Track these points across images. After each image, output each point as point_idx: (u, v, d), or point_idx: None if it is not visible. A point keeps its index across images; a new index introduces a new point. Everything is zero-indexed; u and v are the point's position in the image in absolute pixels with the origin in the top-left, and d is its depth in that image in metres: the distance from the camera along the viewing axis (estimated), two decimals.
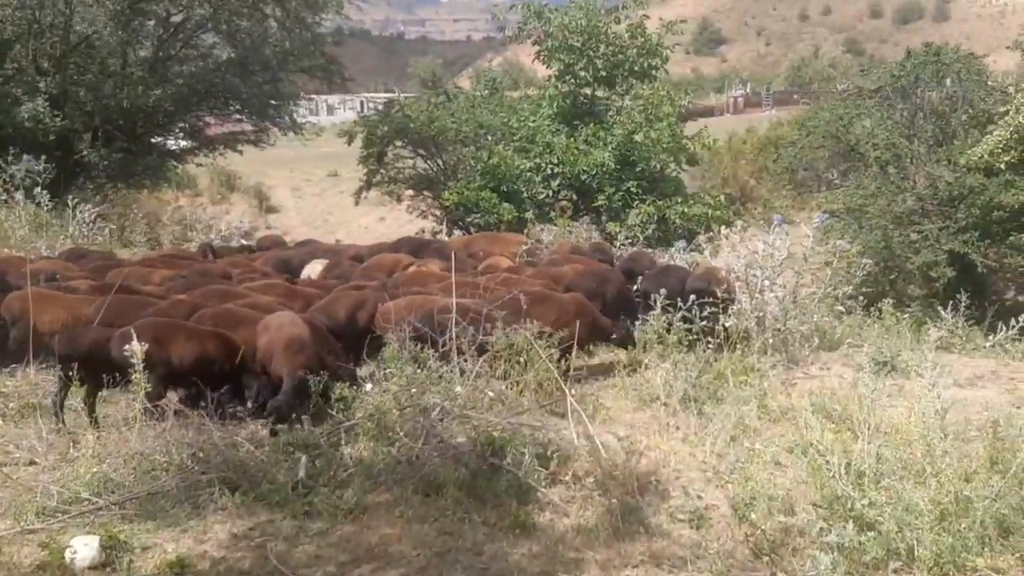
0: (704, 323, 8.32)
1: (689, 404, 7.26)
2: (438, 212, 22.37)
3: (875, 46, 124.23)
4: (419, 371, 6.43)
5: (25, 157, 14.89)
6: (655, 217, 18.17)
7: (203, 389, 6.49)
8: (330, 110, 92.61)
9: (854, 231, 17.57)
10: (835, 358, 9.30)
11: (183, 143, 22.19)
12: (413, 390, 6.16)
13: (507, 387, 6.89)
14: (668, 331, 7.86)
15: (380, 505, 5.27)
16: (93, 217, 14.19)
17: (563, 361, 7.23)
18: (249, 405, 7.02)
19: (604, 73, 19.90)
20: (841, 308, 10.01)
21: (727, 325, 8.57)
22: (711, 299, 8.45)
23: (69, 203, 13.76)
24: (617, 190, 18.76)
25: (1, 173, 14.52)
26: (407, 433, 5.73)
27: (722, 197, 20.00)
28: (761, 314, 8.97)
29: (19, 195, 13.69)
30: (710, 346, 8.19)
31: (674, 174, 20.29)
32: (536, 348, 6.95)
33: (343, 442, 5.91)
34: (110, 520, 5.00)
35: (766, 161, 29.12)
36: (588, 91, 20.29)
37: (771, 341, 9.05)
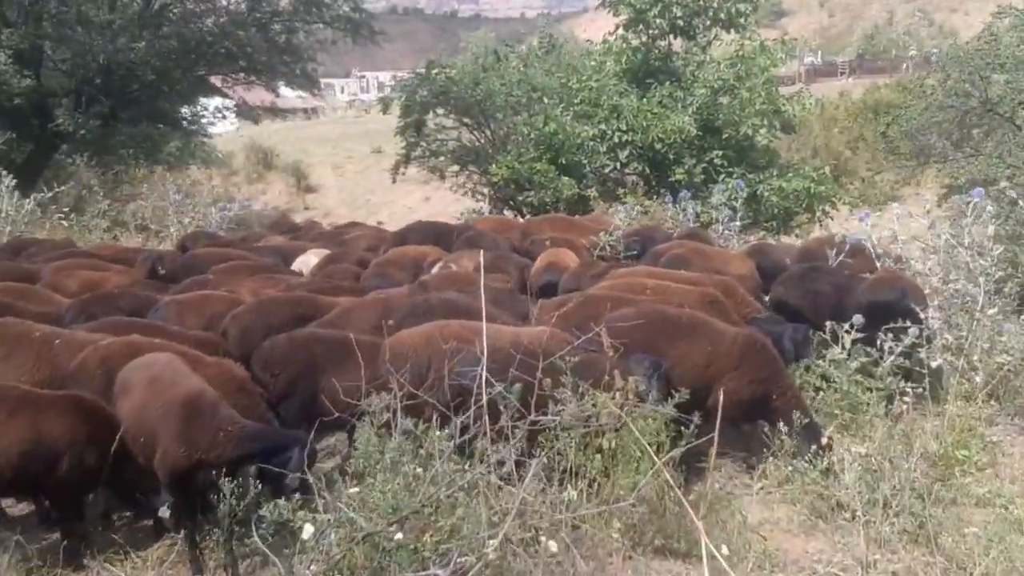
0: (901, 361, 5.09)
1: (906, 519, 4.05)
2: (486, 191, 19.25)
3: (944, 16, 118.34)
4: (413, 484, 3.32)
5: None
6: (745, 194, 14.79)
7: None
8: (381, 88, 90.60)
9: (994, 210, 14.00)
10: None
11: (184, 110, 19.08)
12: (398, 535, 3.05)
13: (580, 497, 3.74)
14: (860, 384, 4.63)
15: None
16: (36, 200, 11.17)
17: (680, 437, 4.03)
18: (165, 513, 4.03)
19: (682, 22, 16.51)
20: None
21: (934, 365, 5.30)
22: (910, 322, 5.15)
23: (4, 180, 10.78)
24: (699, 161, 15.50)
25: None
26: None
27: (826, 169, 16.44)
28: (985, 344, 5.65)
29: None
30: (906, 400, 4.97)
31: (765, 142, 16.82)
32: (630, 426, 3.78)
33: None
34: None
35: (863, 129, 25.27)
36: (663, 44, 16.93)
37: (979, 382, 5.78)
